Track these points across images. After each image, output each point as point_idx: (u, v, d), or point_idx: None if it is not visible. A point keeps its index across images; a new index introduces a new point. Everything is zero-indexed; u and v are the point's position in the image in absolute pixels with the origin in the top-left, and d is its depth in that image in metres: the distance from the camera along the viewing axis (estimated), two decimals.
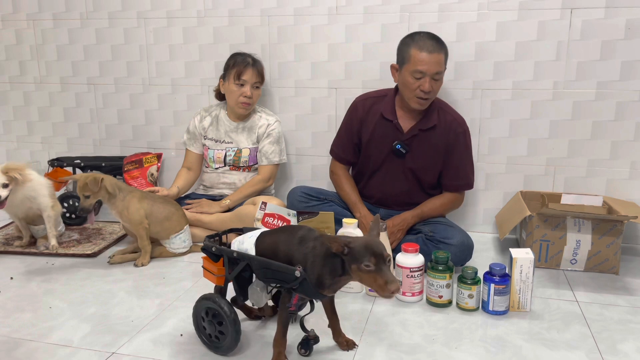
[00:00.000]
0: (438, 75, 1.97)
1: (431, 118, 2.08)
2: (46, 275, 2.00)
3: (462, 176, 2.14)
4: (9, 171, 2.03)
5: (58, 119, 2.92)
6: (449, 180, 2.15)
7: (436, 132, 2.08)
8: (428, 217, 2.12)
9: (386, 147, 2.12)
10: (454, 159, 2.11)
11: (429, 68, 1.94)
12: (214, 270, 1.47)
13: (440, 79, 2.00)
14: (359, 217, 2.11)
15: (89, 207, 2.01)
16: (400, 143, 2.09)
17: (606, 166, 2.28)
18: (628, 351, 1.49)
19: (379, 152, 2.14)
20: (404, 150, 2.09)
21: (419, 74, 1.95)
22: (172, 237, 2.15)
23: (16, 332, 1.59)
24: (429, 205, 2.13)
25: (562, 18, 2.19)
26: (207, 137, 2.47)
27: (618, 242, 1.99)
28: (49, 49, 2.82)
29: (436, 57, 1.94)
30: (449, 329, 1.60)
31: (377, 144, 2.14)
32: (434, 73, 1.95)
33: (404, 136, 2.09)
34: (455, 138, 2.09)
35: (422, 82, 1.95)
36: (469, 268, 1.70)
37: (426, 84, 1.95)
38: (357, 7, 2.38)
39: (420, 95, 1.98)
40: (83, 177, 2.01)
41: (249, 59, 2.34)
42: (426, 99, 1.99)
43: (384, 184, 2.18)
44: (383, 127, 2.12)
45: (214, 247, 1.46)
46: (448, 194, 2.17)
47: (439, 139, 2.09)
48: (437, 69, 1.95)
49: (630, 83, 2.19)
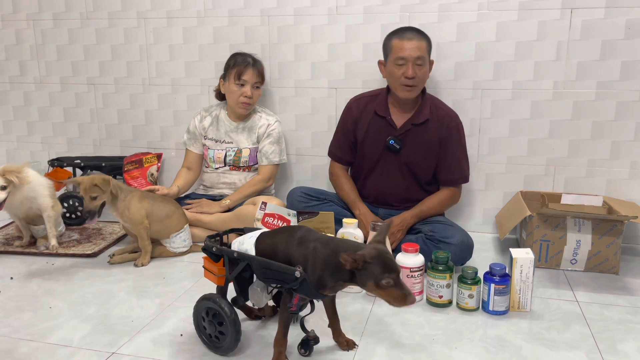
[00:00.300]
0: (420, 60, 2.01)
1: (423, 112, 2.11)
2: (46, 275, 2.00)
3: (457, 170, 2.16)
4: (5, 174, 2.02)
5: (58, 119, 2.92)
6: (445, 175, 2.16)
7: (429, 126, 2.11)
8: (427, 215, 2.12)
9: (380, 144, 2.14)
10: (449, 153, 2.13)
11: (409, 53, 2.00)
12: (215, 270, 1.47)
13: (424, 65, 2.04)
14: (358, 215, 2.13)
15: (95, 209, 1.98)
16: (394, 138, 2.11)
17: (606, 166, 2.28)
18: (628, 351, 1.49)
19: (374, 149, 2.16)
20: (397, 146, 2.12)
21: (401, 60, 2.02)
22: (172, 236, 2.15)
23: (16, 332, 1.59)
24: (427, 203, 2.14)
25: (562, 18, 2.19)
26: (207, 137, 2.47)
27: (618, 242, 1.99)
28: (49, 49, 2.82)
29: (415, 43, 2.01)
30: (449, 329, 1.60)
31: (371, 141, 2.16)
32: (415, 58, 2.00)
33: (397, 132, 2.12)
34: (449, 132, 2.12)
35: (405, 69, 2.01)
36: (469, 268, 1.70)
37: (409, 70, 2.00)
38: (357, 7, 2.38)
39: (404, 83, 2.03)
40: (88, 178, 1.97)
41: (249, 59, 2.34)
42: (412, 86, 2.03)
43: (381, 181, 2.19)
44: (377, 124, 2.15)
45: (214, 247, 1.46)
46: (445, 190, 2.18)
47: (432, 133, 2.11)
48: (418, 54, 2.01)
49: (630, 83, 2.19)
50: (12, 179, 2.02)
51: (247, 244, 1.43)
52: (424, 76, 2.06)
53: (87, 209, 1.97)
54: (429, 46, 2.07)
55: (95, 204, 1.98)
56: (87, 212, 1.98)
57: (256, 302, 1.49)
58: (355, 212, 2.15)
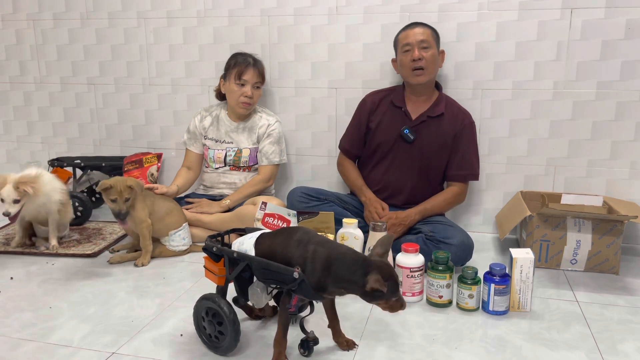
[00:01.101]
0: (424, 43, 2.09)
1: (439, 106, 2.17)
2: (46, 275, 2.00)
3: (468, 166, 2.19)
4: (20, 186, 1.99)
5: (58, 119, 2.92)
6: (455, 170, 2.19)
7: (443, 120, 2.16)
8: (432, 213, 2.14)
9: (395, 132, 2.19)
10: (460, 149, 2.17)
11: (413, 38, 2.10)
12: (215, 270, 1.47)
13: (430, 48, 2.10)
14: (364, 201, 2.18)
15: (129, 210, 2.00)
16: (408, 128, 2.15)
17: (606, 166, 2.28)
18: (628, 351, 1.48)
19: (387, 138, 2.21)
20: (412, 136, 2.16)
21: (407, 46, 2.11)
22: (171, 233, 2.15)
23: (16, 332, 1.59)
24: (432, 201, 2.16)
25: (562, 18, 2.19)
26: (208, 137, 2.47)
27: (618, 242, 1.99)
28: (49, 49, 2.82)
29: (419, 29, 2.11)
30: (449, 329, 1.60)
31: (386, 129, 2.21)
32: (419, 41, 2.09)
33: (412, 122, 2.17)
34: (462, 128, 2.17)
35: (411, 53, 2.09)
36: (469, 268, 1.70)
37: (415, 52, 2.08)
38: (357, 7, 2.38)
39: (413, 66, 2.09)
40: (120, 180, 1.97)
41: (250, 59, 2.34)
42: (420, 69, 2.09)
43: (391, 171, 2.22)
44: (392, 114, 2.21)
45: (215, 247, 1.46)
46: (452, 188, 2.21)
47: (446, 128, 2.16)
48: (421, 38, 2.09)
49: (630, 83, 2.19)
50: (26, 189, 1.99)
51: (246, 245, 1.43)
52: (432, 59, 2.10)
53: (121, 210, 1.98)
54: (434, 34, 2.14)
55: (128, 205, 2.00)
56: (122, 214, 1.98)
57: (256, 303, 1.49)
58: (362, 199, 2.20)
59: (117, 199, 1.97)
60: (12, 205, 2.00)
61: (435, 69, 2.15)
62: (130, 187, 1.98)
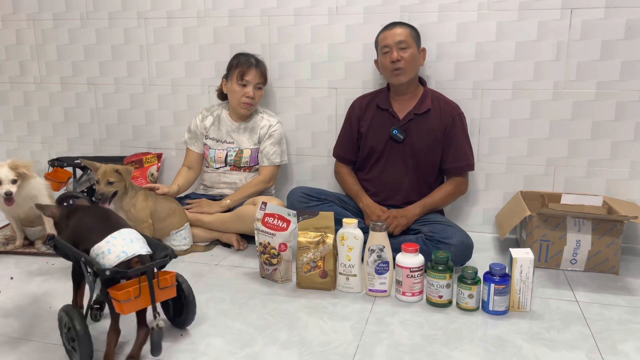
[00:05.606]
0: (403, 44, 2.09)
1: (425, 102, 2.17)
2: (46, 275, 2.00)
3: (462, 157, 2.19)
4: (17, 167, 2.04)
5: (58, 119, 2.92)
6: (451, 164, 2.19)
7: (431, 116, 2.16)
8: (433, 207, 2.16)
9: (384, 135, 2.19)
10: (453, 142, 2.17)
11: (391, 39, 2.10)
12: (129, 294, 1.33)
13: (408, 48, 2.10)
14: (363, 207, 2.18)
15: (109, 194, 2.01)
16: (397, 128, 2.16)
17: (606, 166, 2.28)
18: (628, 351, 1.49)
19: (378, 141, 2.21)
20: (401, 136, 2.16)
21: (386, 48, 2.12)
22: (172, 233, 2.15)
23: (16, 332, 1.59)
24: (432, 196, 2.17)
25: (562, 18, 2.19)
26: (209, 136, 2.47)
27: (618, 242, 1.99)
28: (49, 49, 2.83)
29: (396, 30, 2.11)
30: (449, 329, 1.60)
31: (375, 133, 2.21)
32: (396, 42, 2.09)
33: (400, 122, 2.17)
34: (452, 121, 2.17)
35: (390, 55, 2.10)
36: (469, 268, 1.70)
37: (393, 54, 2.09)
38: (357, 7, 2.38)
39: (392, 67, 2.10)
40: (111, 165, 2.03)
41: (252, 59, 2.34)
42: (399, 69, 2.09)
43: (386, 172, 2.22)
44: (380, 117, 2.21)
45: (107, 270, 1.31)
46: (450, 182, 2.21)
47: (435, 123, 2.16)
48: (399, 39, 2.09)
49: (630, 83, 2.19)
50: (23, 171, 2.05)
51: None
52: (411, 59, 2.10)
53: (101, 192, 2.00)
54: (413, 33, 2.13)
55: (110, 189, 2.01)
56: (100, 195, 2.00)
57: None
58: (360, 205, 2.20)
59: (100, 180, 1.99)
60: (11, 185, 2.03)
61: (416, 68, 2.14)
62: (117, 171, 2.00)
